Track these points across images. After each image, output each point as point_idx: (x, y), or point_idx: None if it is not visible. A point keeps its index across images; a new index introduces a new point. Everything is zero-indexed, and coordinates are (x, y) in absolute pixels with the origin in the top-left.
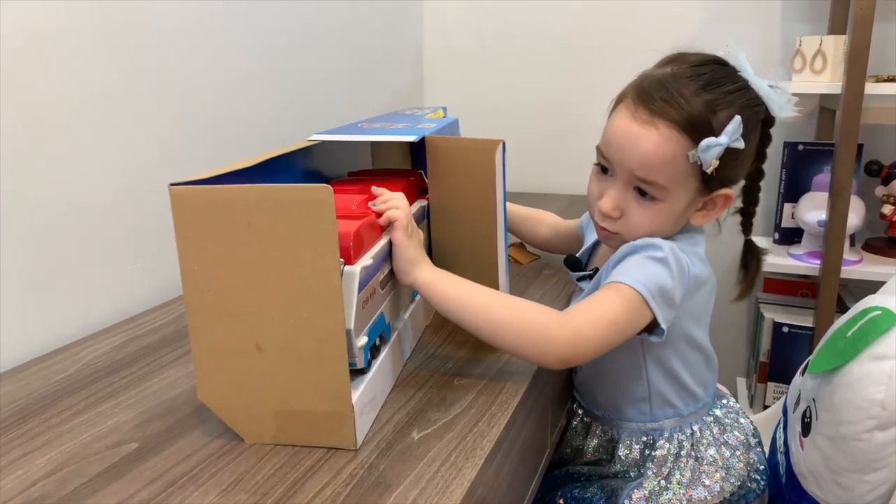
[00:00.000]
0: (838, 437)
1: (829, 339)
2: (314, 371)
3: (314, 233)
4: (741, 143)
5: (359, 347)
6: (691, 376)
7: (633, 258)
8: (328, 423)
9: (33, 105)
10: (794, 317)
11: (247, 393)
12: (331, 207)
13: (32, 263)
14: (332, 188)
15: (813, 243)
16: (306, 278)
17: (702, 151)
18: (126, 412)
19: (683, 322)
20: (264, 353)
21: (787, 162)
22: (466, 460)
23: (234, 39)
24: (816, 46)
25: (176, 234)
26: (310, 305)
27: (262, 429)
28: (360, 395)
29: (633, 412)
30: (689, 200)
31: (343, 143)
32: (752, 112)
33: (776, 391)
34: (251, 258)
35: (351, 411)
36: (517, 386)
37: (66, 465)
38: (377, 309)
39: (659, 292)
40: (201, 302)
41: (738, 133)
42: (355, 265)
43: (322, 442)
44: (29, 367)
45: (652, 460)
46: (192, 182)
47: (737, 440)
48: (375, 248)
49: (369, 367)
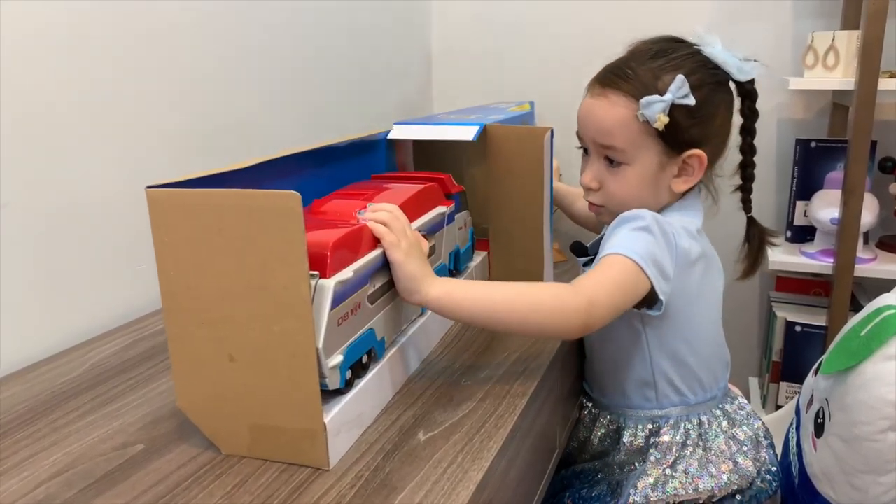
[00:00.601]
0: (852, 438)
1: (843, 338)
2: (286, 386)
3: (283, 242)
4: (690, 99)
5: (330, 367)
6: (697, 362)
7: (620, 231)
8: (301, 441)
9: (36, 106)
10: (807, 316)
11: (223, 403)
12: (298, 216)
13: (38, 266)
14: (299, 195)
15: (826, 241)
16: (277, 290)
17: (644, 108)
18: (132, 414)
19: (681, 300)
20: (237, 365)
21: (799, 159)
22: (473, 462)
23: (242, 41)
24: (829, 42)
25: (153, 238)
26: (281, 319)
27: (237, 441)
28: (335, 414)
29: (639, 398)
30: (659, 163)
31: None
32: (705, 73)
33: (789, 391)
34: (224, 266)
35: (323, 430)
36: (525, 387)
37: (72, 467)
38: (363, 325)
39: (650, 258)
40: (178, 308)
41: (683, 90)
42: (330, 279)
43: (295, 459)
44: (36, 369)
45: (656, 447)
46: (170, 184)
47: (746, 436)
48: (362, 261)
49: (349, 387)
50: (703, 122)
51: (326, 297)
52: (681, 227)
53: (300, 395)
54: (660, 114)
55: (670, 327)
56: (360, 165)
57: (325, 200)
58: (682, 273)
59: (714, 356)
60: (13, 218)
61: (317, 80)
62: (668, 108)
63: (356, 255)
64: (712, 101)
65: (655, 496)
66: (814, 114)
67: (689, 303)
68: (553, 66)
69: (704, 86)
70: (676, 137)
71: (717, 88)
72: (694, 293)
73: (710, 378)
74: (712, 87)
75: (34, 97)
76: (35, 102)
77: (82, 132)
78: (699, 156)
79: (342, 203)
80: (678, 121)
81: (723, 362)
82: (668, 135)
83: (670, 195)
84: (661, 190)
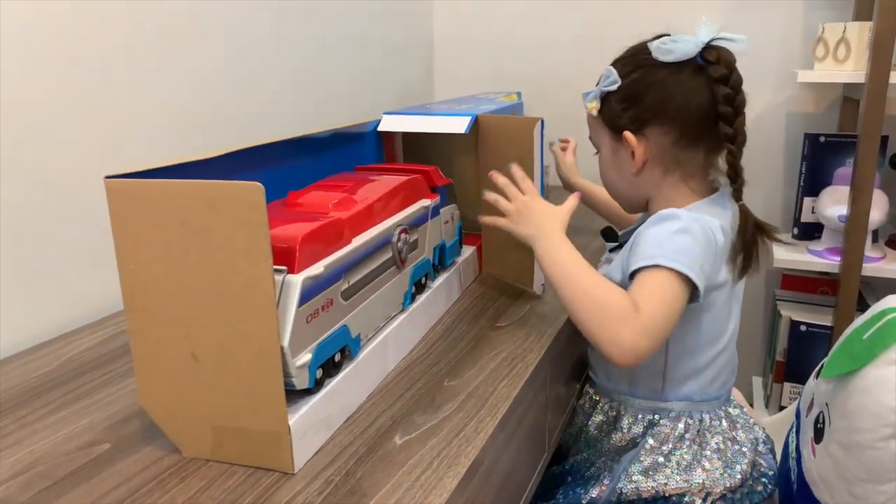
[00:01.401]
0: (852, 445)
1: (845, 341)
2: (250, 387)
3: (247, 235)
4: (615, 85)
5: (297, 366)
6: (708, 361)
7: (658, 231)
8: (265, 444)
9: (21, 94)
10: (812, 315)
11: (185, 404)
12: (262, 208)
13: (20, 256)
14: (261, 186)
15: (833, 239)
16: (241, 286)
17: (584, 99)
18: (102, 411)
19: (710, 296)
20: (200, 364)
21: (807, 154)
22: (448, 468)
23: (242, 32)
24: (840, 34)
25: (113, 231)
26: (244, 316)
27: (199, 443)
28: (301, 415)
29: (645, 389)
30: (612, 149)
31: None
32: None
33: (793, 392)
34: (186, 260)
35: (287, 433)
36: (510, 388)
37: (34, 467)
38: (335, 322)
39: (695, 263)
40: (138, 304)
41: (610, 79)
42: (298, 275)
43: (259, 462)
44: (11, 362)
45: (653, 436)
46: (130, 175)
47: (745, 438)
48: (335, 256)
49: (319, 387)
50: (633, 105)
51: (293, 294)
52: (717, 222)
53: (264, 396)
54: (591, 101)
55: (695, 321)
56: (346, 156)
57: (302, 192)
58: (714, 270)
59: (726, 357)
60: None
61: (318, 68)
62: (597, 95)
63: (330, 249)
64: (641, 83)
65: (647, 484)
66: (823, 108)
67: (716, 298)
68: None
69: (634, 71)
70: (613, 122)
71: (649, 71)
72: (722, 289)
73: (719, 380)
74: (643, 72)
75: (9, 88)
76: (16, 91)
77: (65, 124)
78: (627, 137)
79: (320, 195)
80: (611, 106)
81: (731, 365)
82: (606, 121)
83: (640, 180)
84: (625, 175)
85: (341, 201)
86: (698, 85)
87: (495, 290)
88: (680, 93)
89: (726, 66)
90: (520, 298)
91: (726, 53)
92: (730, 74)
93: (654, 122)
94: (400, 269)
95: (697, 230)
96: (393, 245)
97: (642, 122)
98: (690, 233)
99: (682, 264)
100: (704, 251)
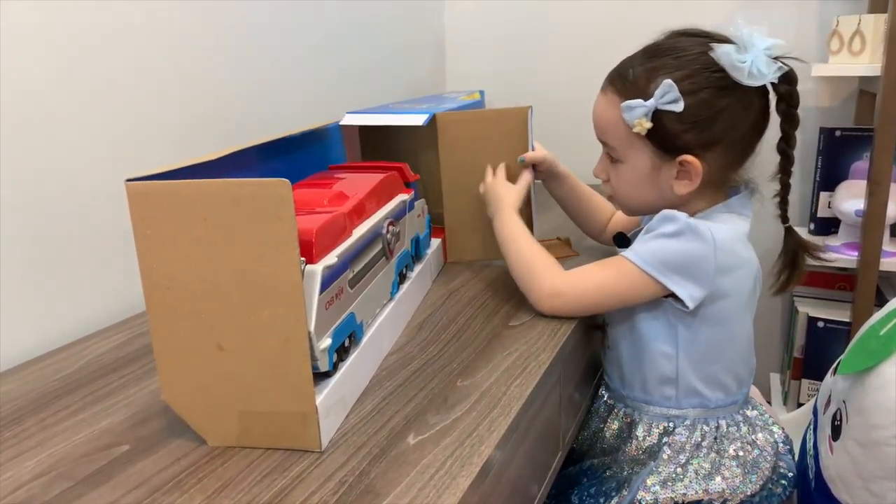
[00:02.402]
0: (869, 442)
1: (861, 337)
2: (277, 372)
3: (273, 229)
4: (677, 105)
5: (321, 350)
6: (723, 366)
7: (653, 232)
8: (292, 425)
9: (29, 100)
10: (830, 311)
11: (209, 394)
12: (289, 202)
13: (36, 261)
14: (289, 182)
15: (850, 234)
16: (266, 277)
17: (624, 112)
18: (122, 412)
19: (720, 304)
20: (226, 354)
21: (823, 148)
22: (462, 468)
23: (254, 30)
24: (855, 26)
25: (134, 232)
26: (271, 305)
27: (225, 431)
28: (324, 396)
29: (658, 395)
30: (651, 164)
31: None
32: (704, 77)
33: (811, 388)
34: (210, 256)
35: (315, 413)
36: (523, 388)
37: (55, 468)
38: (345, 309)
39: (663, 263)
40: (161, 301)
41: (669, 95)
42: (317, 264)
43: (286, 444)
44: (31, 366)
45: (669, 445)
46: (149, 177)
47: (766, 441)
48: (342, 246)
49: (335, 370)
50: (699, 127)
51: (315, 282)
52: (727, 229)
53: (293, 379)
54: (640, 119)
55: (706, 329)
56: (314, 157)
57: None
58: (722, 277)
59: (741, 361)
60: (11, 214)
61: (329, 67)
62: (649, 113)
63: (337, 240)
64: (711, 106)
65: (665, 494)
66: (839, 101)
67: (727, 307)
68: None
69: (701, 90)
70: (666, 142)
71: (720, 93)
72: (733, 298)
73: (735, 383)
74: (713, 92)
75: (27, 92)
76: (28, 95)
77: (78, 126)
78: (692, 162)
79: (309, 192)
80: (666, 126)
81: (748, 368)
82: (656, 138)
83: (678, 196)
84: (662, 190)
85: (334, 197)
86: (762, 108)
87: (509, 289)
88: (748, 119)
89: (794, 90)
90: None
91: (793, 75)
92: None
93: (719, 146)
94: (388, 260)
95: (690, 237)
96: (383, 237)
97: (704, 146)
98: (679, 238)
99: (645, 262)
100: (692, 258)
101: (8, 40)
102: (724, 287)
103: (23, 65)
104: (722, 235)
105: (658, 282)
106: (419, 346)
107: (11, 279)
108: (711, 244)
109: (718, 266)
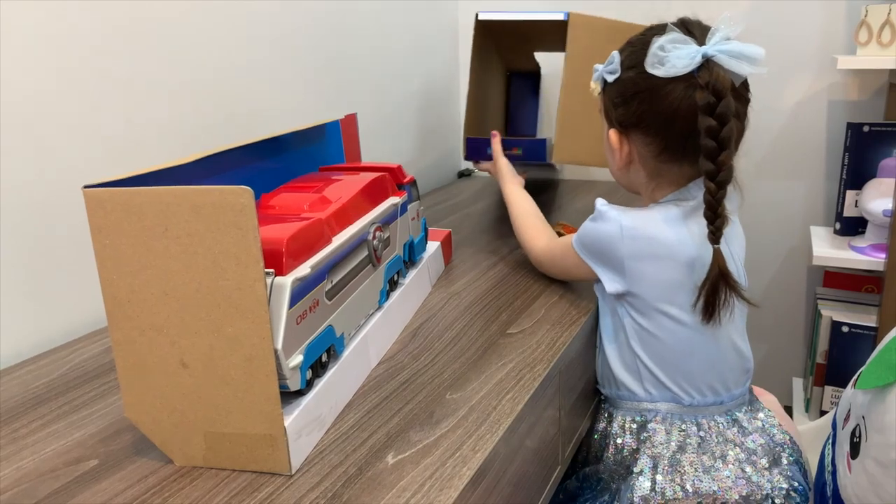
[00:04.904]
0: (890, 463)
1: (882, 350)
2: (242, 391)
3: (235, 240)
4: (613, 77)
5: (291, 368)
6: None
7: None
8: (260, 447)
9: (30, 100)
10: (855, 315)
11: (174, 412)
12: (251, 212)
13: (26, 263)
14: (251, 190)
15: (878, 235)
16: (230, 291)
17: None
18: (95, 423)
19: (650, 293)
20: (190, 371)
21: (850, 145)
22: (441, 491)
23: (267, 19)
24: (884, 16)
25: (93, 242)
26: (234, 320)
27: (191, 451)
28: (295, 417)
29: (626, 391)
30: (606, 135)
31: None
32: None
33: (834, 396)
34: (171, 268)
35: (283, 435)
36: (514, 402)
37: (18, 485)
38: (321, 322)
39: (583, 244)
40: (122, 314)
41: (612, 66)
42: (287, 276)
43: (254, 467)
44: (14, 371)
45: (649, 446)
46: (108, 184)
47: (760, 447)
48: (319, 256)
49: (310, 388)
50: (624, 104)
51: (283, 296)
52: (641, 216)
53: (258, 399)
54: (594, 82)
55: (641, 316)
56: (308, 157)
57: (273, 195)
58: (635, 263)
59: (721, 361)
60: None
61: (341, 58)
62: (599, 77)
63: (312, 250)
64: (634, 84)
65: (654, 500)
66: (868, 95)
67: (657, 295)
68: None
69: (632, 69)
70: (606, 111)
71: (644, 75)
72: (658, 287)
73: (718, 383)
74: (638, 72)
75: (23, 90)
76: (21, 92)
77: (68, 128)
78: (611, 135)
79: (292, 197)
80: (607, 95)
81: (737, 369)
82: (604, 105)
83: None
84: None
85: (316, 202)
86: (691, 101)
87: (512, 290)
88: (668, 108)
89: (714, 93)
90: (535, 303)
91: (719, 78)
92: (717, 103)
93: (639, 130)
94: (376, 267)
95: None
96: (369, 243)
97: (627, 126)
98: (595, 221)
99: (576, 241)
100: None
101: (8, 40)
102: (642, 272)
103: (23, 65)
104: (631, 222)
105: (584, 261)
106: (410, 354)
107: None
108: (618, 229)
109: (628, 251)
